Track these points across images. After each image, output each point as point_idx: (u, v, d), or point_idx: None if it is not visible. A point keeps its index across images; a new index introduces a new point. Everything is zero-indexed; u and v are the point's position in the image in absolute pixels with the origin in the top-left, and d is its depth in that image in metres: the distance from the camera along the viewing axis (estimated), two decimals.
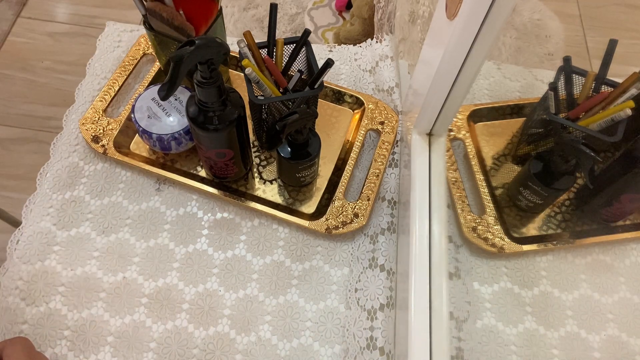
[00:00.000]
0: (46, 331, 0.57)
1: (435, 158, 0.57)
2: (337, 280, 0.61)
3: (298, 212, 0.65)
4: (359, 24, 1.28)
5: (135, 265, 0.61)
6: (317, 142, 0.61)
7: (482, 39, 0.42)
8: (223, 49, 0.47)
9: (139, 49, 0.76)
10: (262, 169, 0.68)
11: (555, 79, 0.63)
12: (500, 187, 0.68)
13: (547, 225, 0.65)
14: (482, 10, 0.39)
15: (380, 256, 0.61)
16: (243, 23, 1.39)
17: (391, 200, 0.66)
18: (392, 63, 0.78)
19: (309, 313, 0.59)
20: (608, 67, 0.61)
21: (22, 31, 1.02)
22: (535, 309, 0.59)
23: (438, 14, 0.49)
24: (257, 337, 0.58)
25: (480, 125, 0.73)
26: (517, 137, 0.72)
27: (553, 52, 0.91)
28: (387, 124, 0.71)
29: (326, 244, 0.64)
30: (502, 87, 0.78)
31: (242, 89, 0.72)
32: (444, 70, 0.47)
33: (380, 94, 0.76)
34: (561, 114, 0.62)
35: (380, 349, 0.56)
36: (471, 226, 0.62)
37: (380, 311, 0.58)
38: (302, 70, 0.63)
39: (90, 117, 0.69)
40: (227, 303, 0.59)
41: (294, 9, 1.44)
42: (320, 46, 0.81)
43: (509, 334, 0.58)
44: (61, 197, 0.65)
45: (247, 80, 0.59)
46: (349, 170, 0.67)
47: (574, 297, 0.60)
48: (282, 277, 0.61)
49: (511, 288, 0.60)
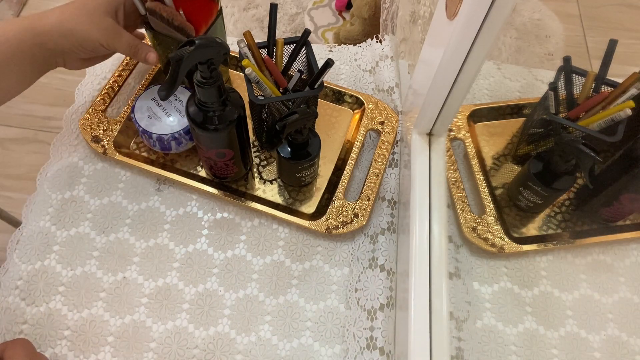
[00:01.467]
0: (46, 331, 0.57)
1: (435, 158, 0.57)
2: (337, 280, 0.61)
3: (298, 212, 0.65)
4: (359, 24, 1.28)
5: (135, 265, 0.61)
6: (317, 142, 0.61)
7: (482, 39, 0.42)
8: (223, 49, 0.47)
9: None
10: (262, 169, 0.68)
11: (555, 79, 0.63)
12: (500, 187, 0.68)
13: (547, 225, 0.65)
14: (482, 10, 0.39)
15: (380, 256, 0.61)
16: (243, 23, 1.39)
17: (391, 200, 0.66)
18: (392, 63, 0.78)
19: (309, 313, 0.59)
20: (608, 67, 0.61)
21: None
22: (535, 309, 0.59)
23: (438, 14, 0.49)
24: (257, 337, 0.58)
25: (480, 125, 0.73)
26: (517, 137, 0.72)
27: (553, 52, 0.91)
28: (387, 124, 0.71)
29: (326, 244, 0.64)
30: (502, 87, 0.78)
31: (242, 89, 0.72)
32: (444, 70, 0.47)
33: (380, 94, 0.76)
34: (561, 114, 0.62)
35: (380, 349, 0.56)
36: (471, 226, 0.62)
37: (380, 311, 0.58)
38: (302, 70, 0.63)
39: (90, 117, 0.69)
40: (227, 303, 0.59)
41: (294, 9, 1.44)
42: (320, 46, 0.81)
43: (509, 334, 0.58)
44: (61, 196, 0.65)
45: (247, 80, 0.59)
46: (349, 170, 0.67)
47: (574, 297, 0.60)
48: (282, 277, 0.61)
49: (511, 288, 0.60)
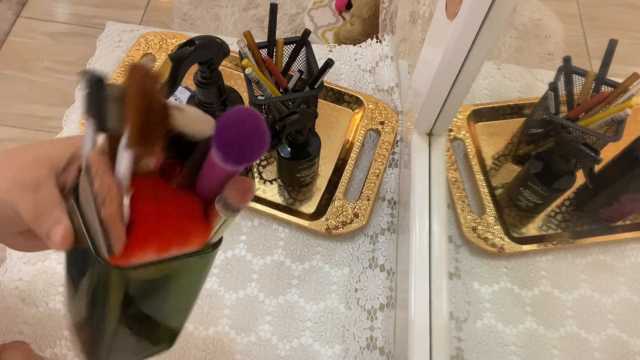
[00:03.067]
0: (46, 331, 0.57)
1: (435, 158, 0.57)
2: (337, 280, 0.61)
3: (298, 212, 0.65)
4: (359, 24, 1.28)
5: None
6: (317, 142, 0.61)
7: (482, 39, 0.42)
8: (223, 49, 0.47)
9: (139, 49, 0.76)
10: (262, 169, 0.68)
11: (555, 79, 0.63)
12: (500, 187, 0.68)
13: (547, 225, 0.65)
14: (482, 10, 0.39)
15: (380, 256, 0.61)
16: (243, 23, 1.39)
17: (391, 200, 0.66)
18: (392, 63, 0.78)
19: (309, 313, 0.59)
20: (608, 67, 0.61)
21: (22, 31, 1.03)
22: (535, 309, 0.59)
23: (438, 14, 0.49)
24: (257, 337, 0.58)
25: (480, 125, 0.73)
26: (517, 137, 0.72)
27: (553, 52, 0.91)
28: (387, 124, 0.71)
29: (326, 244, 0.64)
30: (502, 87, 0.78)
31: (242, 89, 0.72)
32: (444, 70, 0.47)
33: (380, 94, 0.76)
34: (561, 114, 0.62)
35: (380, 349, 0.56)
36: (471, 226, 0.62)
37: (380, 311, 0.58)
38: (302, 70, 0.63)
39: None
40: (227, 303, 0.59)
41: (294, 9, 1.44)
42: (320, 46, 0.81)
43: (509, 334, 0.58)
44: None
45: (247, 80, 0.59)
46: (349, 170, 0.67)
47: (574, 297, 0.60)
48: (282, 277, 0.61)
49: (511, 288, 0.60)
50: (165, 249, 0.28)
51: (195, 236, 0.29)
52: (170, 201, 0.29)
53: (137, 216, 0.27)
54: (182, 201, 0.29)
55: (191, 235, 0.29)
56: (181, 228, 0.29)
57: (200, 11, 1.39)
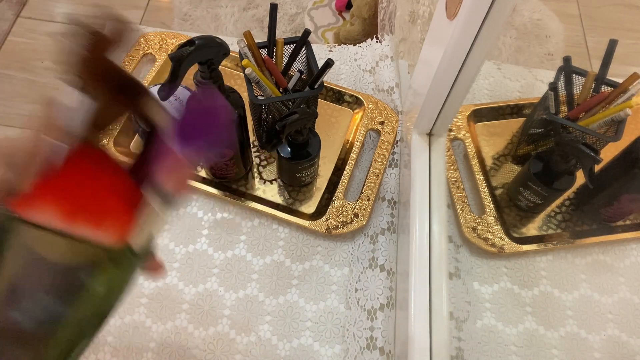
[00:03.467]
0: None
1: (435, 158, 0.57)
2: (337, 280, 0.61)
3: (298, 212, 0.65)
4: (359, 24, 1.28)
5: None
6: (317, 142, 0.61)
7: (482, 39, 0.42)
8: (223, 49, 0.47)
9: (139, 49, 0.76)
10: (262, 169, 0.68)
11: (555, 79, 0.63)
12: (500, 187, 0.68)
13: (547, 225, 0.65)
14: (482, 10, 0.39)
15: (380, 256, 0.61)
16: (243, 23, 1.39)
17: (391, 200, 0.66)
18: (392, 63, 0.78)
19: (309, 313, 0.59)
20: (608, 67, 0.61)
21: (22, 31, 1.03)
22: (535, 309, 0.59)
23: (438, 14, 0.49)
24: (257, 337, 0.58)
25: (480, 125, 0.73)
26: (517, 137, 0.72)
27: (553, 52, 0.91)
28: (387, 124, 0.71)
29: (326, 244, 0.64)
30: (502, 87, 0.78)
31: (242, 89, 0.72)
32: (444, 70, 0.47)
33: (380, 94, 0.76)
34: (561, 114, 0.62)
35: (380, 349, 0.56)
36: (471, 226, 0.62)
37: (380, 311, 0.58)
38: (302, 70, 0.63)
39: None
40: (227, 303, 0.59)
41: (294, 9, 1.44)
42: (320, 46, 0.81)
43: (509, 334, 0.58)
44: None
45: (247, 80, 0.59)
46: (349, 170, 0.67)
47: (574, 297, 0.60)
48: (282, 277, 0.61)
49: (511, 288, 0.60)
50: (72, 215, 0.24)
51: (112, 218, 0.25)
52: (104, 176, 0.26)
53: (60, 174, 0.24)
54: (118, 182, 0.26)
55: (108, 215, 0.25)
56: (99, 201, 0.25)
57: (200, 11, 1.39)
